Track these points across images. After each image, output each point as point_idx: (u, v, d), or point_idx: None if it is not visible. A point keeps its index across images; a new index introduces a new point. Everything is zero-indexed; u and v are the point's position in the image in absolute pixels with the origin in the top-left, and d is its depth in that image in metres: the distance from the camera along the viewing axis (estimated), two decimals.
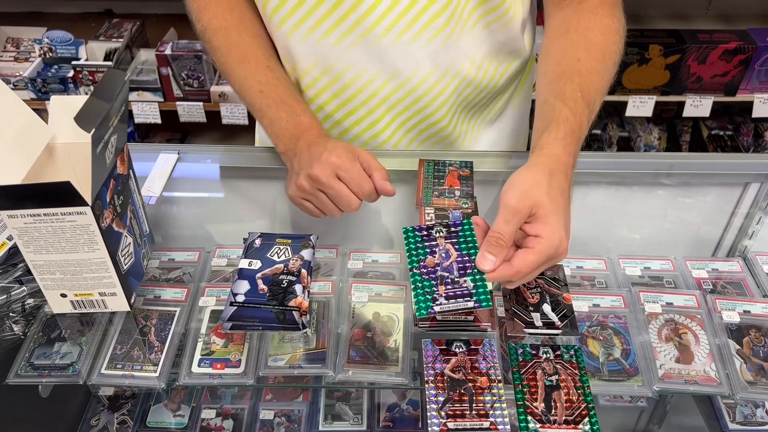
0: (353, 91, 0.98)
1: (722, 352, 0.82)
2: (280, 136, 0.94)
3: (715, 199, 1.08)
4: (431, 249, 0.76)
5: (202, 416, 1.10)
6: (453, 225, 0.78)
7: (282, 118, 0.94)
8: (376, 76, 0.97)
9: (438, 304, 0.72)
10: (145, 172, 1.01)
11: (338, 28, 0.93)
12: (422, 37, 0.93)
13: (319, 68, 0.98)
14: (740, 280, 0.93)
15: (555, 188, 0.74)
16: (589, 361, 0.81)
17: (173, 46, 2.30)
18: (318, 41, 0.95)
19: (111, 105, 0.71)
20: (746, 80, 2.24)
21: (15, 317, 0.85)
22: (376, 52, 0.94)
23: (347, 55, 0.95)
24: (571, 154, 0.80)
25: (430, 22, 0.92)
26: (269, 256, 0.82)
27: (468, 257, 0.75)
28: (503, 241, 0.71)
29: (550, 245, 0.71)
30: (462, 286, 0.73)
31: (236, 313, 0.76)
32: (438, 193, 0.93)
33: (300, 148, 0.90)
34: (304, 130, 0.92)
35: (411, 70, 0.96)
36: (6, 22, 2.57)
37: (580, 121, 0.82)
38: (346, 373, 0.80)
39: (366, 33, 0.92)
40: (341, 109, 1.01)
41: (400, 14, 0.91)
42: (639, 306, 0.87)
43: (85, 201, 0.69)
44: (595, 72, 0.87)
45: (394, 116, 1.01)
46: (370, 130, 1.03)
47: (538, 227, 0.72)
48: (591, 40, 0.90)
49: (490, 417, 0.72)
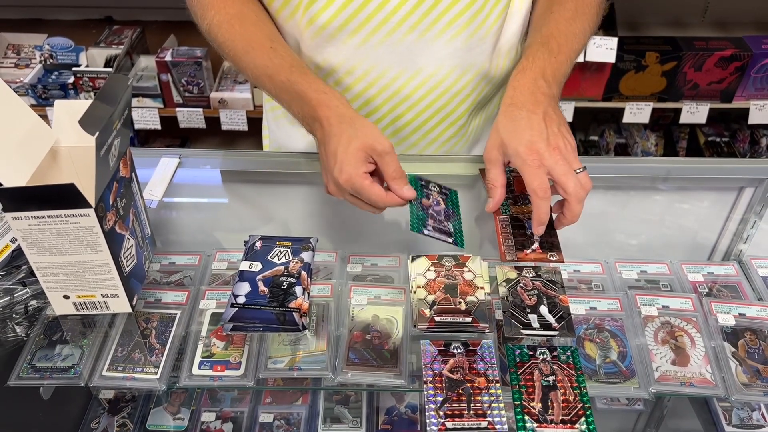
0: (377, 89, 1.00)
1: (718, 354, 0.83)
2: (300, 121, 0.92)
3: (711, 204, 1.09)
4: (427, 194, 0.92)
5: (201, 419, 1.10)
6: (444, 187, 0.95)
7: (294, 100, 0.90)
8: (400, 74, 0.99)
9: (427, 230, 0.87)
10: (146, 176, 1.02)
11: (363, 29, 0.95)
12: (446, 35, 0.96)
13: (343, 70, 0.99)
14: (735, 284, 0.94)
15: (512, 119, 0.85)
16: (586, 363, 0.82)
17: (173, 52, 2.31)
18: (343, 42, 0.96)
19: (114, 109, 0.72)
20: (742, 87, 2.26)
21: (18, 319, 0.85)
22: (401, 50, 0.96)
23: (372, 55, 0.97)
24: (534, 73, 0.89)
25: (454, 20, 0.95)
26: (270, 258, 0.83)
27: (452, 211, 0.92)
28: (490, 184, 0.88)
29: (522, 161, 0.82)
30: (446, 227, 0.89)
31: (237, 315, 0.77)
32: (513, 201, 0.94)
33: (319, 139, 0.87)
34: (317, 112, 0.86)
35: (434, 67, 0.99)
36: (7, 29, 2.59)
37: (543, 53, 0.91)
38: (345, 376, 0.80)
39: (391, 32, 0.95)
40: (364, 108, 1.03)
41: (424, 13, 0.93)
42: (635, 309, 0.88)
43: (89, 203, 0.70)
44: (565, 19, 0.96)
45: (417, 114, 1.04)
46: (390, 127, 1.05)
47: (514, 160, 0.84)
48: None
49: (488, 417, 0.72)
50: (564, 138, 0.83)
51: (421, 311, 0.81)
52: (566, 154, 0.82)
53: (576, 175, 0.81)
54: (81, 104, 0.75)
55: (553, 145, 0.82)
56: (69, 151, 0.82)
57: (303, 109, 0.88)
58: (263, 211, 1.13)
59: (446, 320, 0.80)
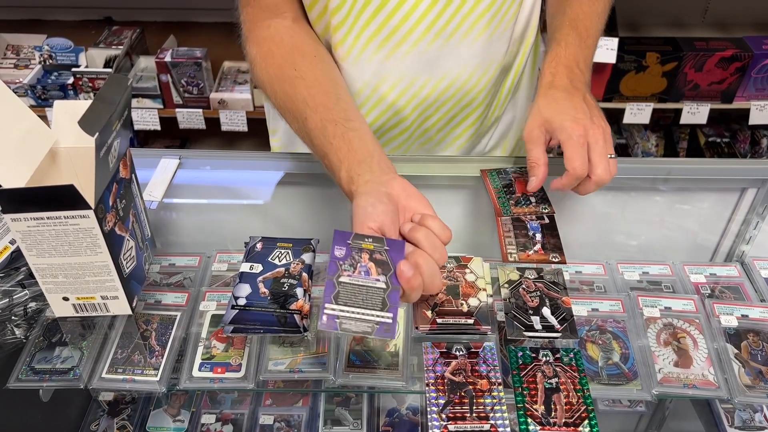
0: (405, 100, 1.00)
1: (720, 356, 0.82)
2: (337, 183, 0.81)
3: (713, 205, 1.08)
4: None
5: (201, 421, 1.10)
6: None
7: (334, 165, 0.80)
8: (428, 81, 0.99)
9: None
10: (146, 177, 1.01)
11: (389, 42, 0.94)
12: (469, 37, 0.96)
13: (369, 88, 0.99)
14: (738, 285, 0.94)
15: (554, 99, 0.87)
16: (588, 365, 0.81)
17: (173, 53, 2.31)
18: (368, 60, 0.96)
19: (114, 109, 0.72)
20: (743, 87, 2.25)
21: (17, 321, 0.85)
22: (427, 58, 0.96)
23: (399, 66, 0.96)
24: (568, 61, 0.92)
25: (476, 21, 0.95)
26: (270, 259, 0.82)
27: None
28: (533, 163, 0.87)
29: (568, 134, 0.83)
30: None
31: (238, 317, 0.77)
32: (514, 202, 0.94)
33: (353, 200, 0.76)
34: (352, 175, 0.77)
35: (458, 69, 0.99)
36: (6, 30, 2.58)
37: (574, 38, 0.94)
38: (346, 378, 0.80)
39: (417, 42, 0.94)
40: (394, 117, 1.03)
41: (448, 19, 0.93)
42: (638, 310, 0.88)
43: (88, 204, 0.69)
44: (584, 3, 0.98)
45: (443, 114, 1.04)
46: (417, 131, 1.06)
47: (556, 134, 0.85)
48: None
49: (491, 419, 0.72)
50: (605, 121, 0.86)
51: (423, 313, 0.81)
52: (607, 136, 0.85)
53: (608, 160, 0.83)
54: (80, 105, 0.74)
55: (597, 123, 0.85)
56: (68, 152, 0.81)
57: (339, 173, 0.78)
58: (264, 212, 1.12)
59: (448, 322, 0.80)
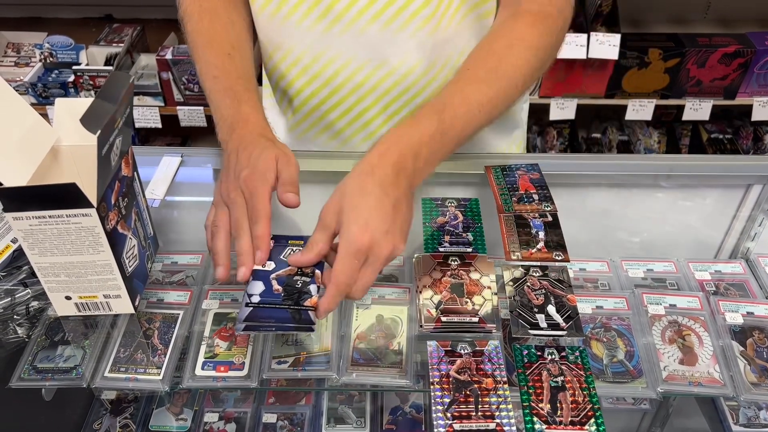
0: (342, 78, 1.00)
1: (726, 353, 0.82)
2: (219, 123, 0.90)
3: (717, 201, 1.08)
4: (443, 212, 0.96)
5: (204, 420, 1.10)
6: (464, 199, 0.98)
7: (224, 104, 0.90)
8: (365, 65, 0.99)
9: (443, 246, 0.90)
10: (148, 175, 1.01)
11: (327, 16, 0.95)
12: (410, 27, 0.95)
13: (309, 56, 1.00)
14: (743, 282, 0.93)
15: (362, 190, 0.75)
16: (593, 363, 0.81)
17: (174, 50, 2.30)
18: (308, 29, 0.97)
19: (116, 107, 0.71)
20: (745, 84, 2.25)
21: (19, 320, 0.85)
22: (365, 40, 0.96)
23: (336, 43, 0.97)
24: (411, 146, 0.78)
25: (417, 12, 0.94)
26: (283, 257, 0.82)
27: (472, 220, 0.94)
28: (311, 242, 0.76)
29: (348, 240, 0.72)
30: (465, 238, 0.92)
31: (252, 314, 0.76)
32: (517, 199, 0.93)
33: (232, 145, 0.84)
34: (241, 120, 0.87)
35: (398, 59, 0.98)
36: (6, 27, 2.58)
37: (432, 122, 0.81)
38: (349, 376, 0.80)
39: (353, 21, 0.95)
40: (331, 97, 1.03)
41: (386, 3, 0.93)
42: (642, 308, 0.87)
43: (91, 203, 0.69)
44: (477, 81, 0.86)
45: (384, 106, 1.03)
46: (359, 120, 1.04)
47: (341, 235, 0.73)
48: (492, 48, 0.90)
49: (496, 418, 0.72)
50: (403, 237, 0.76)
51: (428, 311, 0.80)
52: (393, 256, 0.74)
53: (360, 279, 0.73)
54: (82, 103, 0.74)
55: (388, 240, 0.73)
56: (70, 150, 0.81)
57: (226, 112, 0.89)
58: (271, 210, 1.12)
59: (453, 320, 0.79)
